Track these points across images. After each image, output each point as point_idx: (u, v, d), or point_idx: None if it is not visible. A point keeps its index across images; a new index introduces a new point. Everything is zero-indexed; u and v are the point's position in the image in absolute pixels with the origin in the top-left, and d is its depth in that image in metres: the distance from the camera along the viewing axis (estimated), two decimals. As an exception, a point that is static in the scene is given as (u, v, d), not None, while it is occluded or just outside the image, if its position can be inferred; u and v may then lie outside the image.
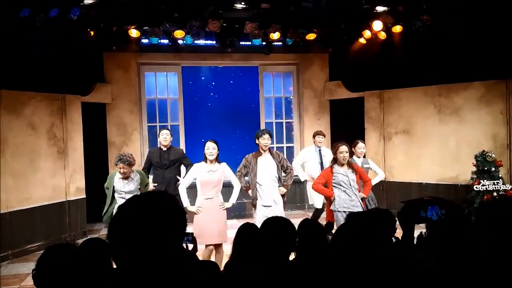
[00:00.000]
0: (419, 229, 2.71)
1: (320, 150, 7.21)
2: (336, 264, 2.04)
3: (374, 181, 6.47)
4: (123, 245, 1.30)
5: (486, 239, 2.17)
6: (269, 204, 5.57)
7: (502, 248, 2.05)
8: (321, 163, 7.08)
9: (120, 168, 5.29)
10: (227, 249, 5.82)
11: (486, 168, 7.02)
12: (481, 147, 7.28)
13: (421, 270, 2.18)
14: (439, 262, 2.20)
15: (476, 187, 7.00)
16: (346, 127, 9.42)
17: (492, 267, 2.01)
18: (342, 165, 5.38)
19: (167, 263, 1.31)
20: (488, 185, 6.94)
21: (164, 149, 6.49)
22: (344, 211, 5.12)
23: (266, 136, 5.63)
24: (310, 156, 7.24)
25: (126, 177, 5.38)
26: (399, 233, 2.89)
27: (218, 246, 5.17)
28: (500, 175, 7.03)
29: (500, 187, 6.92)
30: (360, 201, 5.35)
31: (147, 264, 1.29)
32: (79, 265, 1.98)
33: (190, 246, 2.83)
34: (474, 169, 7.17)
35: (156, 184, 6.24)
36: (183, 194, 5.22)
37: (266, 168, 5.62)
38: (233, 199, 5.40)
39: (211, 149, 5.15)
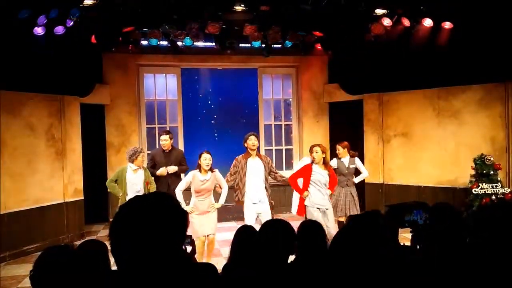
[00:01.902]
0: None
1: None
2: (336, 266, 2.03)
3: (357, 180, 6.99)
4: (124, 245, 1.29)
5: (484, 243, 2.17)
6: (256, 201, 6.06)
7: (500, 252, 2.05)
8: None
9: (142, 157, 6.04)
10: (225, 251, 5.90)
11: (484, 172, 7.02)
12: (480, 150, 7.29)
13: (419, 272, 2.18)
14: (436, 264, 2.20)
15: (474, 191, 7.00)
16: (345, 130, 9.42)
17: (491, 270, 2.01)
18: (317, 163, 5.91)
19: (166, 265, 1.30)
20: (487, 188, 6.94)
21: (166, 151, 6.77)
22: (318, 208, 5.84)
23: (252, 137, 6.15)
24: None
25: (138, 168, 6.04)
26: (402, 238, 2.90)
27: (209, 238, 5.84)
28: (498, 179, 7.03)
29: (498, 191, 6.92)
30: (329, 198, 6.02)
31: (146, 265, 1.28)
32: (77, 267, 1.97)
33: (189, 249, 2.82)
34: (473, 172, 7.17)
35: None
36: (179, 196, 5.75)
37: (255, 168, 6.13)
38: (222, 200, 5.95)
39: (208, 160, 5.72)
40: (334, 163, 6.85)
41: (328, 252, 2.53)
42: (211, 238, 5.81)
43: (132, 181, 6.00)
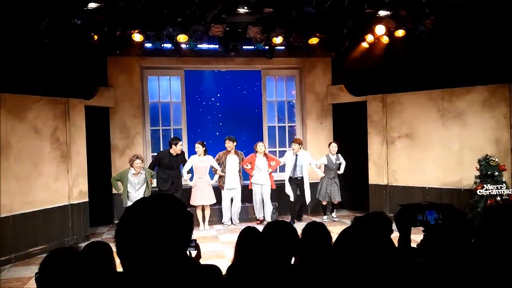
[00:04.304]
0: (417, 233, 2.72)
1: (296, 155, 8.39)
2: (340, 267, 2.03)
3: (339, 172, 8.79)
4: (130, 246, 1.30)
5: (490, 244, 2.16)
6: (230, 187, 8.21)
7: (506, 253, 2.05)
8: (295, 166, 8.38)
9: (138, 164, 7.12)
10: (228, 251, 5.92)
11: (489, 173, 6.98)
12: (484, 151, 7.25)
13: (424, 275, 2.18)
14: (441, 266, 2.20)
15: (479, 192, 6.96)
16: (349, 131, 9.42)
17: (496, 271, 2.00)
18: (260, 154, 8.32)
19: (171, 266, 1.31)
20: (492, 189, 6.89)
21: (174, 154, 7.78)
22: (257, 183, 8.29)
23: (226, 141, 8.29)
24: (289, 159, 8.48)
25: (137, 172, 7.16)
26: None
27: (205, 206, 8.24)
28: (503, 180, 6.98)
29: (503, 192, 6.87)
30: (269, 178, 8.32)
31: (151, 267, 1.29)
32: (82, 269, 1.98)
33: (194, 253, 2.82)
34: (477, 173, 7.13)
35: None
36: (185, 174, 7.99)
37: (231, 162, 8.25)
38: (216, 177, 8.25)
39: (197, 148, 8.01)
40: (324, 159, 8.64)
41: (331, 253, 2.53)
42: (205, 206, 8.19)
43: (133, 181, 7.23)
